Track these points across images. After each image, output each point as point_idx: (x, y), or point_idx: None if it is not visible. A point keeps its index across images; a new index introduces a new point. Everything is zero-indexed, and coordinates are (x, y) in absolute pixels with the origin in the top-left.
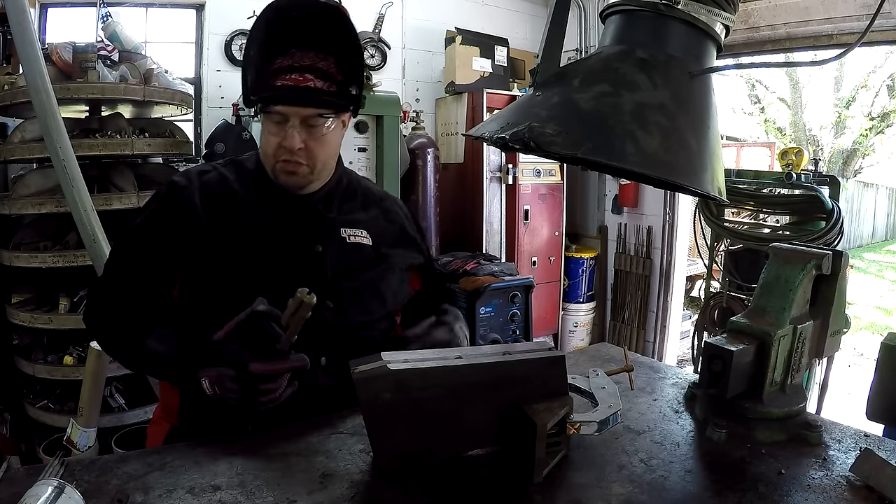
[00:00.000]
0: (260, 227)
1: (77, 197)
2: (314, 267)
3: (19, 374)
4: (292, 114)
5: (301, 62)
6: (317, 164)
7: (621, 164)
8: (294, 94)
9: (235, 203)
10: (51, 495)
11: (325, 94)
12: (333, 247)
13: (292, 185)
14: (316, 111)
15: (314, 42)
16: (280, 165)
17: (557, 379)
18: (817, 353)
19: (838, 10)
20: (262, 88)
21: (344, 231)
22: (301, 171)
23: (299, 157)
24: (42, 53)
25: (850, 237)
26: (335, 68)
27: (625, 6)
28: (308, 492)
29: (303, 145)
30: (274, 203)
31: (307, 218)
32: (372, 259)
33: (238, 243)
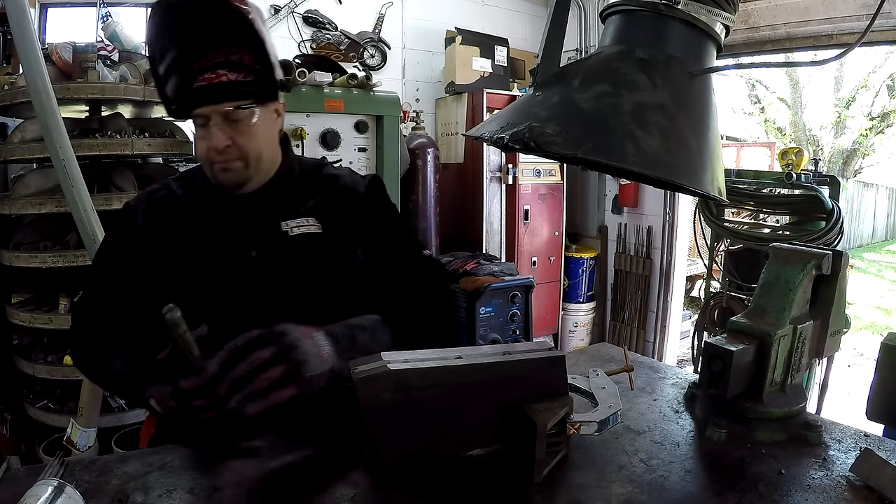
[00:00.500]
0: (198, 239)
1: (77, 197)
2: (249, 275)
3: (19, 374)
4: (210, 112)
5: (215, 59)
6: (249, 157)
7: (621, 164)
8: (207, 93)
9: (179, 218)
10: (51, 495)
11: (241, 84)
12: (273, 247)
13: (230, 183)
14: (233, 105)
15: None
16: (215, 167)
17: (557, 379)
18: (817, 353)
19: (838, 10)
20: (181, 94)
21: (286, 224)
22: (235, 167)
23: (229, 155)
24: (42, 53)
25: (850, 237)
26: (250, 58)
27: (625, 6)
28: (308, 492)
29: (230, 142)
30: (213, 211)
31: (242, 221)
32: (322, 248)
33: (178, 259)
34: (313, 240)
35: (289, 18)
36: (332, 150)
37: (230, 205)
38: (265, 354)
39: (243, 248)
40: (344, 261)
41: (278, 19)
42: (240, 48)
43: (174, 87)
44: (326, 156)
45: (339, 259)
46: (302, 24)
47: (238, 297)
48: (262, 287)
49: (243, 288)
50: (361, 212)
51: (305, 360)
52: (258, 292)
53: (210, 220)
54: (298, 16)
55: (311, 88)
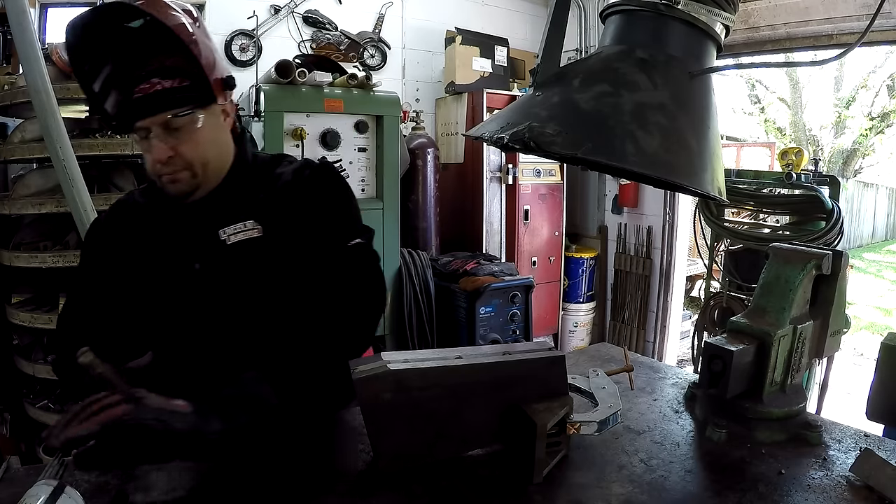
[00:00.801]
0: (149, 252)
1: (77, 197)
2: (194, 288)
3: (19, 374)
4: (149, 124)
5: (149, 68)
6: (195, 166)
7: (621, 164)
8: (144, 104)
9: (138, 229)
10: (50, 495)
11: (177, 91)
12: (213, 258)
13: (180, 194)
14: (170, 113)
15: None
16: (162, 179)
17: (557, 379)
18: (817, 353)
19: (838, 10)
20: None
21: (223, 233)
22: (183, 177)
23: (175, 165)
24: (42, 53)
25: (850, 237)
26: (184, 62)
27: (625, 6)
28: (308, 492)
29: (172, 152)
30: (163, 222)
31: (186, 232)
32: (262, 254)
33: (131, 272)
34: (253, 245)
35: (289, 18)
36: (332, 150)
37: (176, 215)
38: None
39: (188, 260)
40: (286, 264)
41: (278, 19)
42: (173, 53)
43: (113, 102)
44: (326, 156)
45: (280, 263)
46: (302, 24)
47: (185, 311)
48: (206, 300)
49: (189, 301)
50: (299, 208)
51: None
52: (203, 305)
53: (160, 232)
54: (298, 16)
55: (311, 88)
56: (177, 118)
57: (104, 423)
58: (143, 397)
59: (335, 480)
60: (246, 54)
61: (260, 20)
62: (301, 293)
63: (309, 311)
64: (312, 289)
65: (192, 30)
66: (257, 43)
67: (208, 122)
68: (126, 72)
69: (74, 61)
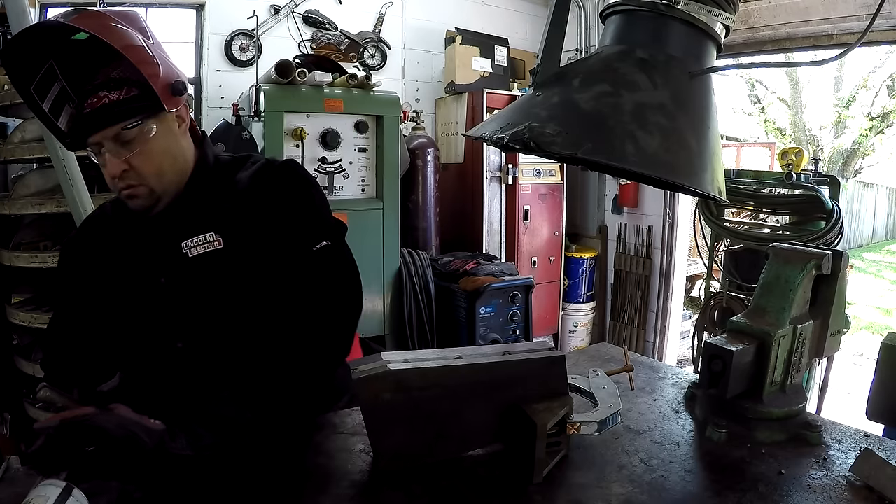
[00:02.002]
0: (117, 265)
1: (77, 197)
2: (160, 302)
3: (19, 374)
4: (100, 139)
5: (95, 81)
6: (149, 179)
7: (621, 164)
8: (93, 119)
9: (107, 244)
10: (59, 496)
11: (123, 103)
12: (177, 272)
13: (140, 207)
14: (118, 126)
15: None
16: (122, 195)
17: (557, 379)
18: (817, 353)
19: (838, 10)
20: (72, 127)
21: (185, 245)
22: (141, 192)
23: (130, 179)
24: None
25: (850, 237)
26: (130, 71)
27: (625, 6)
28: (308, 492)
29: (126, 166)
30: (130, 236)
31: (150, 246)
32: (224, 266)
33: (102, 288)
34: (214, 258)
35: (289, 18)
36: (332, 150)
37: (141, 228)
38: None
39: (153, 274)
40: (249, 274)
41: (278, 19)
42: (119, 63)
43: (66, 120)
44: (326, 156)
45: (243, 274)
46: (302, 24)
47: (154, 326)
48: (173, 313)
49: (157, 316)
50: (259, 214)
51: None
52: (171, 320)
53: (128, 246)
54: (298, 16)
55: (311, 88)
56: (127, 130)
57: (66, 419)
58: (115, 408)
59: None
60: (246, 54)
61: (260, 20)
62: (267, 304)
63: (279, 323)
64: (280, 299)
65: (132, 37)
66: (257, 43)
67: (161, 130)
68: (74, 87)
69: (19, 83)
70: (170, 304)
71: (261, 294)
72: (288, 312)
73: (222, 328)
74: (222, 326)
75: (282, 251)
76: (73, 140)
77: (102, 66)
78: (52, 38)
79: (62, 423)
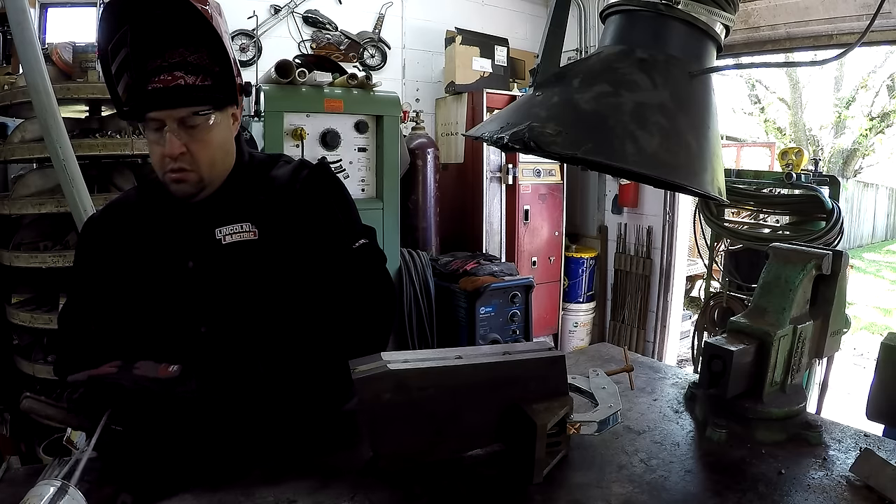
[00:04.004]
0: (144, 249)
1: (77, 197)
2: (186, 287)
3: (19, 374)
4: (166, 117)
5: (171, 60)
6: (202, 167)
7: (621, 164)
8: (163, 96)
9: (131, 226)
10: (54, 495)
11: (199, 89)
12: (207, 257)
13: (184, 194)
14: (190, 110)
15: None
16: (168, 176)
17: (557, 379)
18: (817, 353)
19: (838, 10)
20: (135, 96)
21: (219, 232)
22: (189, 178)
23: (183, 164)
24: (42, 53)
25: (850, 237)
26: (209, 60)
27: (625, 6)
28: (308, 492)
29: (184, 149)
30: (159, 220)
31: (181, 231)
32: (256, 256)
33: (126, 269)
34: (248, 247)
35: (289, 18)
36: (332, 150)
37: (174, 214)
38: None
39: (181, 258)
40: (281, 267)
41: (278, 19)
42: (198, 49)
43: (125, 86)
44: (326, 156)
45: (275, 266)
46: (302, 24)
47: (178, 308)
48: (199, 298)
49: (182, 299)
50: (298, 210)
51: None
52: (196, 303)
53: (157, 231)
54: (298, 16)
55: (311, 88)
56: (196, 116)
57: (92, 375)
58: (138, 365)
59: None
60: (246, 54)
61: (260, 20)
62: (303, 296)
63: (318, 314)
64: (319, 291)
65: (223, 28)
66: (257, 43)
67: (222, 124)
68: (148, 58)
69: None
70: (196, 289)
71: (292, 286)
72: (330, 304)
73: (247, 315)
74: (248, 313)
75: (321, 247)
76: (135, 109)
77: (178, 46)
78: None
79: (89, 379)
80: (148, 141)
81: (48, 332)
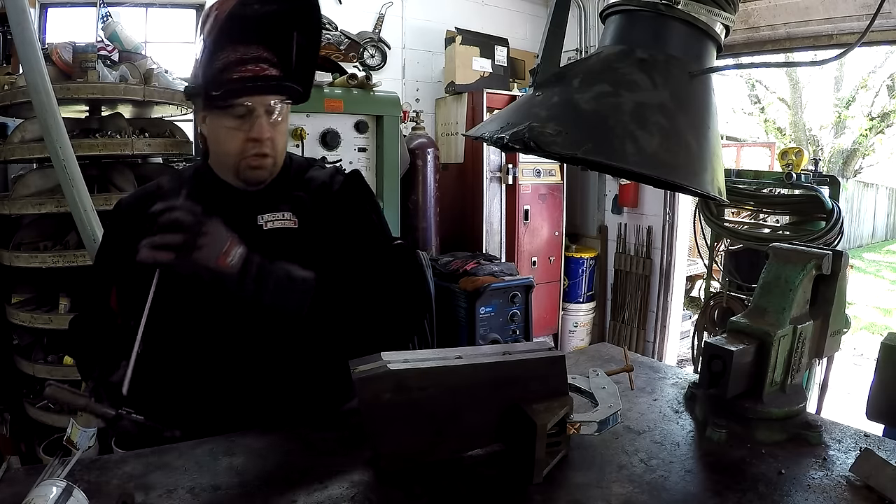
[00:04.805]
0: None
1: (77, 197)
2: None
3: (19, 374)
4: (258, 103)
5: (247, 54)
6: (278, 154)
7: (621, 164)
8: (256, 84)
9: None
10: (61, 496)
11: (284, 80)
12: (247, 240)
13: (258, 180)
14: (279, 98)
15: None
16: (247, 161)
17: (557, 379)
18: (817, 353)
19: (838, 10)
20: (219, 83)
21: (261, 218)
22: (267, 163)
23: (266, 149)
24: (42, 53)
25: (850, 237)
26: (277, 58)
27: (625, 6)
28: (308, 492)
29: (270, 135)
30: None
31: (224, 215)
32: (295, 243)
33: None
34: (287, 234)
35: None
36: (332, 150)
37: (217, 201)
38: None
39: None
40: (317, 256)
41: None
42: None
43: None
44: (326, 156)
45: (312, 254)
46: None
47: (207, 291)
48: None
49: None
50: (335, 208)
51: (202, 246)
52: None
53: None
54: None
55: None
56: (281, 104)
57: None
58: (208, 232)
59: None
60: None
61: None
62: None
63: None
64: (357, 282)
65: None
66: None
67: (287, 118)
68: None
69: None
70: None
71: (328, 275)
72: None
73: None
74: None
75: (358, 243)
76: (228, 92)
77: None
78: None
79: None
80: (224, 128)
81: (48, 332)
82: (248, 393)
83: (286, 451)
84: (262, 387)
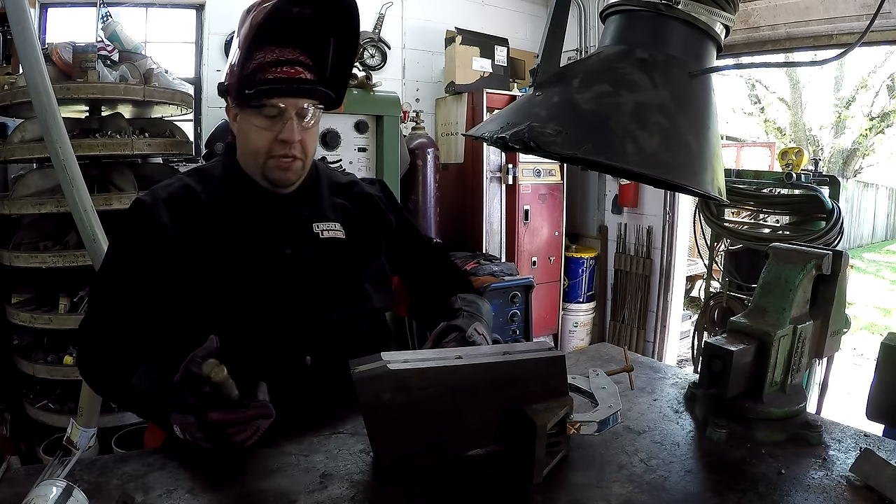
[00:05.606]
0: (229, 236)
1: (77, 197)
2: (285, 271)
3: (19, 374)
4: (291, 105)
5: (283, 56)
6: (308, 157)
7: (621, 164)
8: (291, 86)
9: (203, 213)
10: (61, 496)
11: (318, 85)
12: (306, 246)
13: (284, 181)
14: (312, 102)
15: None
16: (274, 162)
17: (557, 379)
18: (817, 353)
19: (838, 10)
20: (253, 82)
21: (317, 227)
22: (295, 166)
23: (295, 151)
24: (42, 53)
25: (850, 237)
26: (313, 62)
27: (625, 6)
28: (308, 492)
29: (301, 137)
30: (243, 208)
31: (276, 219)
32: (347, 253)
33: (209, 255)
34: (338, 244)
35: None
36: (332, 150)
37: (262, 205)
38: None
39: (278, 245)
40: (363, 265)
41: None
42: (303, 51)
43: (257, 71)
44: (326, 156)
45: (359, 263)
46: None
47: (270, 293)
48: (293, 284)
49: (276, 284)
50: (378, 216)
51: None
52: (290, 289)
53: (240, 219)
54: None
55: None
56: (314, 108)
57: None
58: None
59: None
60: None
61: None
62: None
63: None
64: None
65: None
66: None
67: (319, 124)
68: (289, 49)
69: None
70: (294, 274)
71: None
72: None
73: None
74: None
75: (401, 245)
76: (261, 92)
77: (287, 47)
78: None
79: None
80: (253, 128)
81: (48, 332)
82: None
83: (286, 451)
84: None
